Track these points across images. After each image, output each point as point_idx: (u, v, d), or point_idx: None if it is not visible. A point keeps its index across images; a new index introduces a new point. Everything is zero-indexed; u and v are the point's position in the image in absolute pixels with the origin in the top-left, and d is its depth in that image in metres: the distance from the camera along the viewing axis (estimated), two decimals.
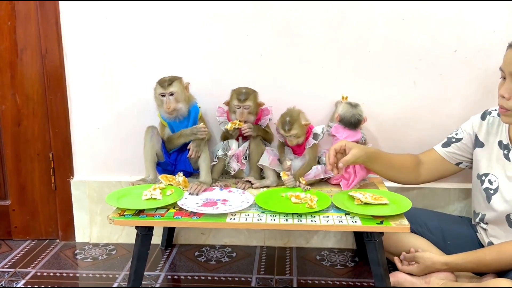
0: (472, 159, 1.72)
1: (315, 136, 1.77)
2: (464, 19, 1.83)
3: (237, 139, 1.83)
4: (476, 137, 1.68)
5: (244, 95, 1.76)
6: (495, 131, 1.63)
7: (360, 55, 1.89)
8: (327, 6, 1.85)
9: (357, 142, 1.80)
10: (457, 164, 1.75)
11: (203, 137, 1.75)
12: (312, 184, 1.76)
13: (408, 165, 1.75)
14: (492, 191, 1.60)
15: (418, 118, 1.92)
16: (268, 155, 1.78)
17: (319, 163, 1.81)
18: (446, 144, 1.75)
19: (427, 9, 1.83)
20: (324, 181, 1.82)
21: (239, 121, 1.76)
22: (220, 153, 1.80)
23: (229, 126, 1.76)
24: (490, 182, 1.61)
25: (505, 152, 1.59)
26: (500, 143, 1.61)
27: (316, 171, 1.76)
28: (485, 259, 1.53)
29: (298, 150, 1.80)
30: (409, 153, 1.79)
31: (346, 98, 1.85)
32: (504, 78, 1.47)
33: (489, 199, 1.61)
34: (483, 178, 1.64)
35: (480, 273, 1.62)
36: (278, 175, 1.78)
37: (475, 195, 1.70)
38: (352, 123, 1.78)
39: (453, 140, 1.74)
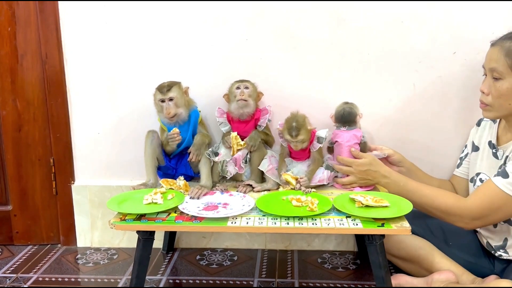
0: None
1: (319, 140, 1.76)
2: (463, 21, 1.84)
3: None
4: (473, 143, 1.72)
5: (242, 80, 1.80)
6: (487, 133, 1.67)
7: (359, 58, 1.89)
8: (326, 9, 1.86)
9: (358, 143, 1.80)
10: None
11: (175, 143, 1.75)
12: (313, 187, 1.76)
13: (446, 188, 1.78)
14: None
15: (418, 120, 1.93)
16: (269, 162, 1.78)
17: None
18: (459, 165, 1.82)
19: (426, 11, 1.84)
20: (330, 186, 1.82)
21: (238, 143, 1.76)
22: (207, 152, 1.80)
23: (235, 150, 1.76)
24: (481, 181, 1.63)
25: (494, 151, 1.61)
26: (489, 142, 1.64)
27: (321, 176, 1.75)
28: (423, 192, 1.58)
29: (301, 155, 1.80)
30: (446, 180, 1.87)
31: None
32: (486, 74, 1.54)
33: None
34: (475, 178, 1.66)
35: (482, 275, 1.62)
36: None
37: None
38: (345, 115, 1.77)
39: (462, 158, 1.80)
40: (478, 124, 1.75)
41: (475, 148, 1.70)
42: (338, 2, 1.85)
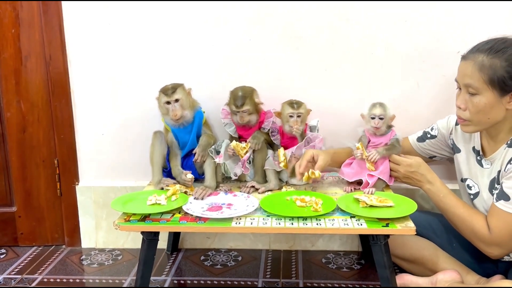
0: (445, 155, 1.78)
1: (312, 129, 1.80)
2: (466, 20, 1.83)
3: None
4: (454, 143, 1.71)
5: (240, 100, 1.74)
6: (469, 136, 1.65)
7: (363, 57, 1.89)
8: (329, 9, 1.85)
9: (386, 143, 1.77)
10: (430, 157, 1.81)
11: (187, 184, 1.74)
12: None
13: None
14: (472, 196, 1.62)
15: (421, 120, 1.92)
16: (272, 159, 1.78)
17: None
18: (421, 139, 1.80)
19: (430, 10, 1.83)
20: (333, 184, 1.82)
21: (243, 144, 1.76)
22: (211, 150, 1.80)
23: (242, 155, 1.75)
24: (469, 187, 1.63)
25: (478, 158, 1.61)
26: (473, 148, 1.63)
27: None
28: (458, 210, 1.56)
29: (291, 144, 1.80)
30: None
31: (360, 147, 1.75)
32: (460, 88, 1.51)
33: (472, 204, 1.63)
34: (463, 181, 1.67)
35: (485, 276, 1.62)
36: (280, 179, 1.81)
37: (463, 198, 1.71)
38: None
39: (428, 136, 1.79)
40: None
41: (457, 150, 1.69)
42: (341, 2, 1.84)
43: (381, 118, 1.71)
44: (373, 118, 1.72)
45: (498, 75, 1.41)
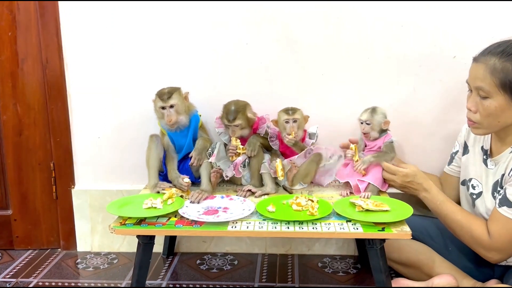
0: None
1: (311, 136, 1.79)
2: (463, 25, 1.84)
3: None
4: (465, 144, 1.71)
5: (232, 114, 1.75)
6: (480, 137, 1.65)
7: (359, 62, 1.89)
8: (326, 13, 1.86)
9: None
10: None
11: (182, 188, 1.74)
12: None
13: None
14: (475, 196, 1.62)
15: (418, 124, 1.93)
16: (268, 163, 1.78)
17: None
18: (449, 162, 1.80)
19: (426, 15, 1.84)
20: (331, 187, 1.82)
21: (239, 147, 1.76)
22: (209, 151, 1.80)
23: (234, 158, 1.76)
24: (473, 187, 1.62)
25: (484, 157, 1.60)
26: (482, 148, 1.63)
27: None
28: (455, 216, 1.55)
29: (289, 150, 1.80)
30: (434, 175, 1.86)
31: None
32: (471, 91, 1.50)
33: (473, 204, 1.63)
34: (467, 182, 1.66)
35: (481, 281, 1.62)
36: (277, 183, 1.80)
37: (462, 203, 1.71)
38: None
39: (453, 155, 1.78)
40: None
41: (467, 151, 1.69)
42: (338, 6, 1.85)
43: (367, 124, 1.73)
44: (362, 123, 1.75)
45: (510, 79, 1.40)
